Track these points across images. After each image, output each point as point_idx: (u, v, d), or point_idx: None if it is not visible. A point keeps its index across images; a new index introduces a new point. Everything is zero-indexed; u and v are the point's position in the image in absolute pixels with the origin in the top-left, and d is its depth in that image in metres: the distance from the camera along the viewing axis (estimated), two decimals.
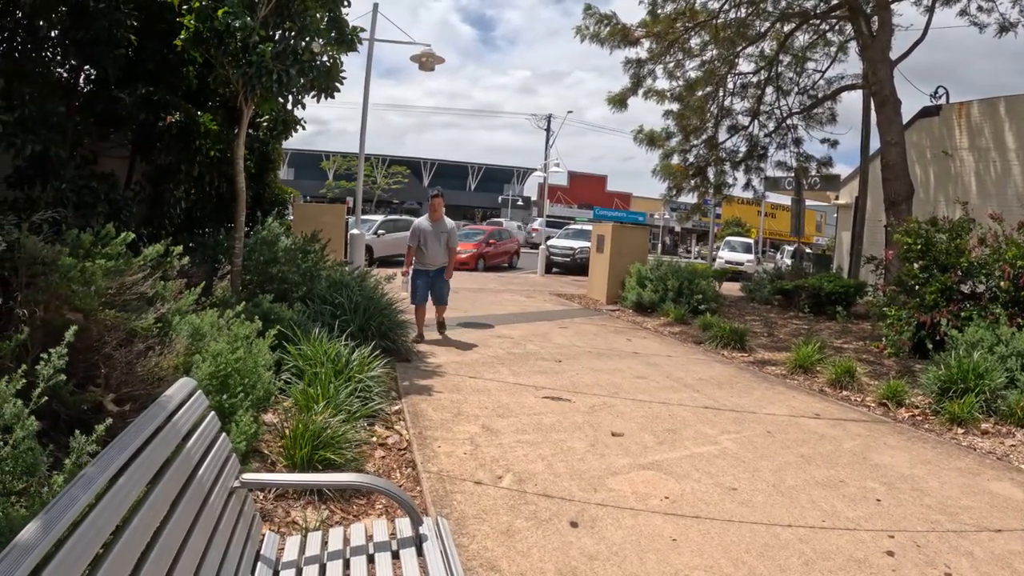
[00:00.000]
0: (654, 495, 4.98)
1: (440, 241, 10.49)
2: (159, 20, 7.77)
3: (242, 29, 6.89)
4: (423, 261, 10.54)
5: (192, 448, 2.37)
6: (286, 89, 7.44)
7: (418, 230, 10.60)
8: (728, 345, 11.33)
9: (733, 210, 55.54)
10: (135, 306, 4.71)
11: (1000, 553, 4.47)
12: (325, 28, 7.87)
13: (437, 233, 10.50)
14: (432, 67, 18.18)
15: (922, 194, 18.62)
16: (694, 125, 19.64)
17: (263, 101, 7.92)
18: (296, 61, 7.27)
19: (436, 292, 10.72)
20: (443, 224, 10.58)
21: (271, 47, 7.07)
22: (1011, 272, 9.34)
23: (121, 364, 4.23)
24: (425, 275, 10.57)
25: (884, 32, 15.74)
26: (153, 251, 5.16)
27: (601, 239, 17.38)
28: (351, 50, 8.23)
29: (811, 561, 4.13)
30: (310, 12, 7.53)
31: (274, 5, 7.33)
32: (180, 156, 8.17)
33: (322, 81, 7.80)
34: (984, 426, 7.34)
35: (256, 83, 7.14)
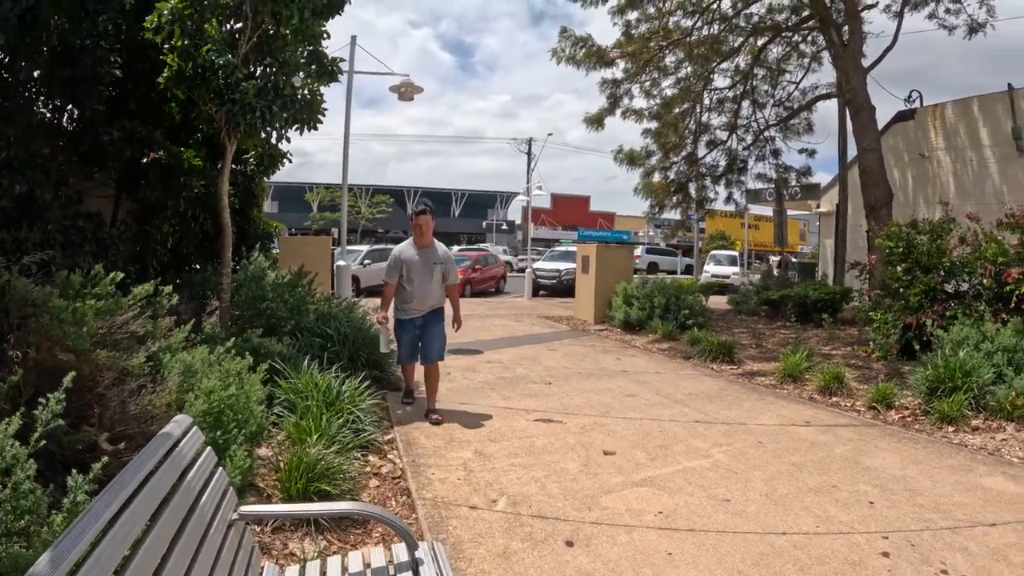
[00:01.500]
0: (648, 511, 4.99)
1: (432, 274, 7.49)
2: (142, 58, 7.83)
3: (225, 67, 6.96)
4: (409, 304, 7.53)
5: (191, 482, 2.41)
6: (269, 124, 7.51)
7: (399, 260, 7.50)
8: (717, 358, 11.35)
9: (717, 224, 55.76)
10: (126, 345, 4.73)
11: (995, 546, 4.51)
12: (305, 62, 7.96)
13: (427, 264, 7.48)
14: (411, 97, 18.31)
15: (902, 197, 18.80)
16: (673, 142, 19.80)
17: (246, 137, 8.02)
18: (278, 96, 7.34)
19: (427, 346, 7.58)
20: (435, 251, 7.61)
21: (253, 84, 7.14)
22: (993, 269, 9.43)
23: (114, 403, 4.24)
24: (411, 326, 7.58)
25: (855, 40, 15.97)
26: (142, 290, 5.19)
27: (586, 260, 17.39)
28: (332, 81, 8.33)
29: (806, 567, 4.15)
30: (290, 48, 7.61)
31: (255, 42, 7.40)
32: (165, 193, 8.21)
33: (304, 114, 7.87)
34: (974, 423, 7.42)
35: (240, 119, 7.20)
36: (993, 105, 18.44)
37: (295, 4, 7.28)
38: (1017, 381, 7.58)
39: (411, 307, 7.56)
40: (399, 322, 7.67)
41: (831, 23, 16.50)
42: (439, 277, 7.59)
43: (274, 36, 7.57)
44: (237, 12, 7.32)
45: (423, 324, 7.60)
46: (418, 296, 7.50)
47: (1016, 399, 7.44)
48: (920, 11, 17.32)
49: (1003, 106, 18.16)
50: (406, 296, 7.55)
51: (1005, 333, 8.27)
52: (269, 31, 7.54)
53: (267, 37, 7.55)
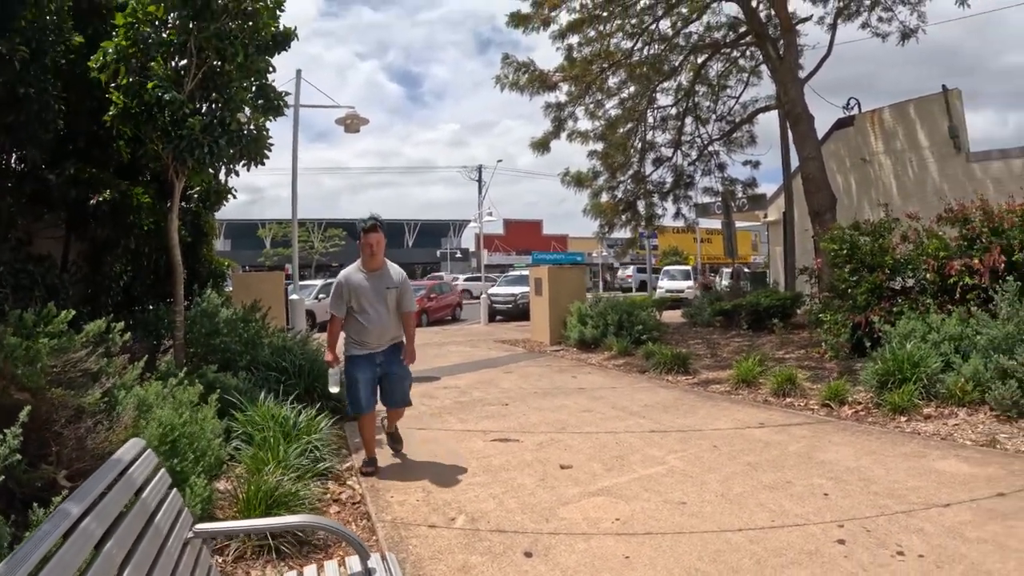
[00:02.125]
0: (605, 518, 4.97)
1: (385, 301, 6.37)
2: (88, 97, 7.70)
3: (171, 103, 6.91)
4: (362, 338, 6.39)
5: (146, 501, 2.45)
6: (217, 160, 7.45)
7: (346, 288, 6.37)
8: (672, 370, 11.35)
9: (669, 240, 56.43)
10: (81, 383, 4.68)
11: (950, 525, 4.55)
12: (251, 97, 7.92)
13: (379, 290, 6.35)
14: (357, 128, 18.28)
15: (846, 201, 19.13)
16: (619, 162, 19.92)
17: (194, 173, 7.94)
18: (225, 132, 7.29)
19: (390, 387, 6.52)
20: (387, 274, 6.45)
21: (199, 120, 7.09)
22: (935, 264, 9.57)
23: (71, 441, 4.20)
24: (369, 363, 6.40)
25: (791, 53, 16.25)
26: (95, 327, 5.19)
27: (539, 282, 17.42)
28: (278, 115, 8.28)
29: (763, 559, 4.14)
30: (235, 84, 7.57)
31: (200, 79, 7.35)
32: (116, 232, 8.11)
33: (251, 150, 7.81)
34: (926, 411, 7.52)
35: (187, 156, 7.14)
36: (929, 107, 18.85)
37: (240, 41, 7.27)
38: (965, 368, 7.68)
39: (365, 339, 6.33)
40: (353, 359, 6.36)
41: (767, 38, 16.80)
42: (394, 304, 6.37)
43: (220, 72, 7.52)
44: (182, 49, 7.29)
45: (385, 361, 6.41)
46: (375, 330, 6.30)
47: (965, 385, 7.54)
48: (853, 21, 17.65)
49: (939, 107, 18.56)
50: (361, 330, 6.34)
51: (950, 323, 8.39)
52: (215, 67, 7.49)
53: (212, 73, 7.49)
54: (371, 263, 6.35)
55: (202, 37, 7.11)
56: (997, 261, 8.81)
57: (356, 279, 6.34)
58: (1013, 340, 7.40)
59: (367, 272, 6.37)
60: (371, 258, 6.32)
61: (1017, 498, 5.02)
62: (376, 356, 6.38)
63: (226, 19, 7.25)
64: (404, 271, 6.72)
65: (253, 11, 7.41)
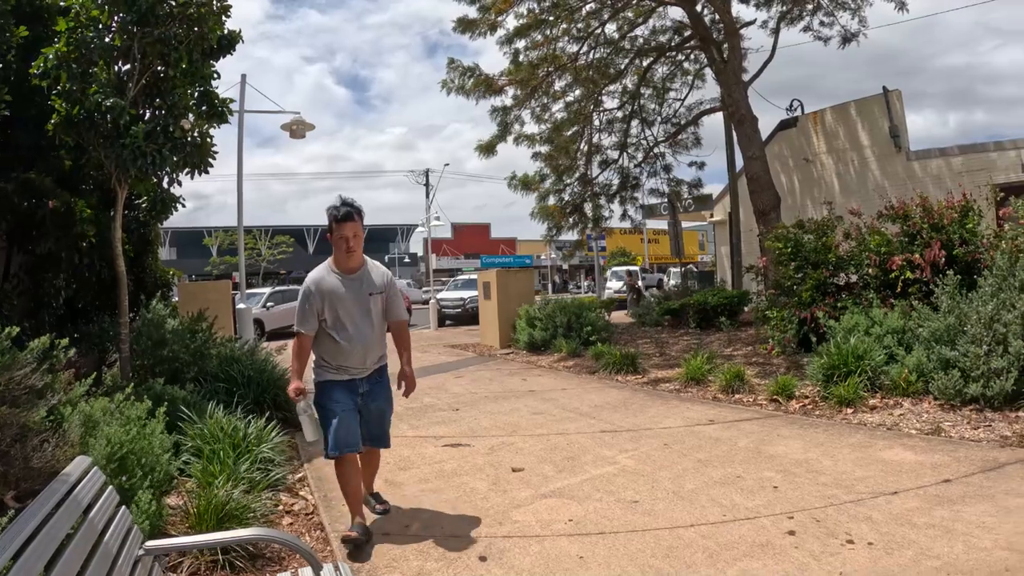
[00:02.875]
0: (558, 520, 4.95)
1: (369, 312, 4.91)
2: (29, 104, 7.50)
3: (113, 110, 6.73)
4: (340, 362, 4.85)
5: (94, 519, 2.44)
6: (160, 169, 7.29)
7: (317, 296, 4.81)
8: (621, 370, 11.38)
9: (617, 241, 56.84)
10: (25, 401, 4.55)
11: (898, 512, 4.61)
12: (195, 103, 7.78)
13: (359, 296, 4.89)
14: (303, 134, 18.12)
15: (790, 200, 19.47)
16: (565, 165, 19.94)
17: (137, 182, 7.73)
18: (168, 139, 7.11)
19: (367, 420, 4.98)
20: (368, 276, 4.96)
21: (142, 127, 6.91)
22: (877, 259, 9.74)
23: (18, 460, 4.09)
24: (348, 390, 4.86)
25: (735, 56, 16.50)
26: (39, 344, 5.03)
27: (487, 286, 17.42)
28: (223, 122, 8.13)
29: (715, 553, 4.16)
30: (180, 90, 7.41)
31: (144, 84, 7.21)
32: (59, 244, 7.87)
33: (195, 157, 7.63)
34: (872, 402, 7.65)
35: (130, 165, 6.96)
36: (870, 107, 19.34)
37: (184, 46, 7.14)
38: (908, 359, 7.81)
39: (349, 365, 4.80)
40: (328, 385, 4.79)
41: (711, 41, 17.02)
42: (380, 314, 4.91)
43: (163, 78, 7.38)
44: (126, 54, 7.14)
45: (370, 391, 4.90)
46: (358, 350, 4.78)
47: (909, 376, 7.68)
48: (796, 25, 17.97)
49: (879, 108, 19.05)
50: (338, 352, 4.76)
51: (893, 317, 8.55)
52: (159, 73, 7.35)
53: (156, 79, 7.35)
54: (347, 262, 4.79)
55: (146, 42, 6.96)
56: (937, 256, 9.01)
57: (329, 284, 4.76)
58: (954, 332, 7.54)
59: (343, 274, 4.81)
60: (347, 256, 4.75)
61: (963, 484, 5.11)
62: (359, 384, 4.82)
63: (171, 24, 7.10)
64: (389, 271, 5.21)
65: (199, 16, 7.25)
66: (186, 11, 7.15)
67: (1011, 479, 5.16)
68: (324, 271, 4.87)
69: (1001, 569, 3.69)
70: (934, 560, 3.85)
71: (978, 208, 9.68)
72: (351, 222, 4.70)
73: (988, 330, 7.15)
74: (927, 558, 3.88)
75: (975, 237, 9.25)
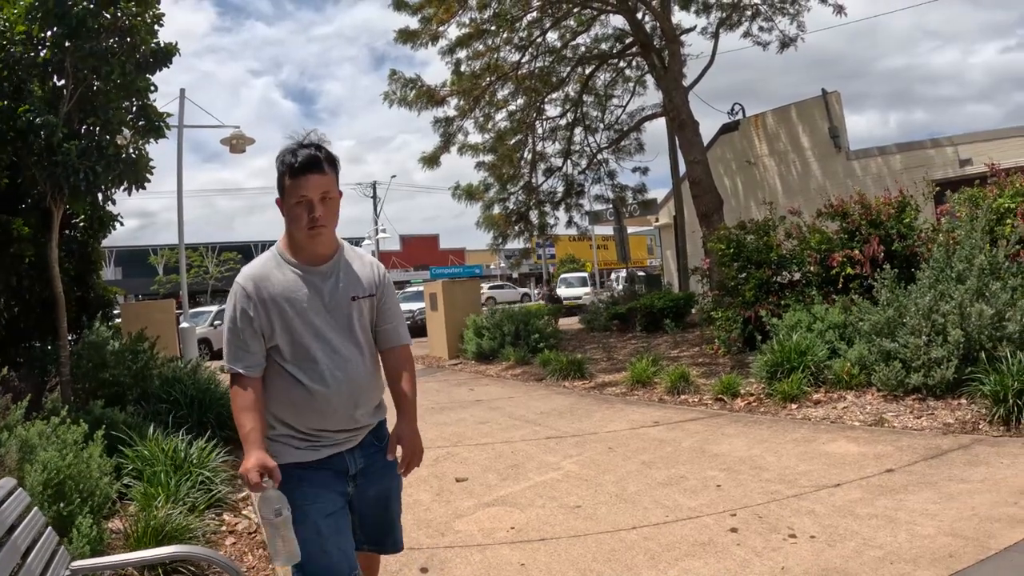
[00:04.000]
0: (500, 528, 4.85)
1: (351, 326, 2.70)
2: None
3: (45, 127, 6.51)
4: (307, 421, 2.62)
5: (18, 539, 2.44)
6: (94, 187, 7.09)
7: (257, 302, 2.60)
8: (568, 376, 11.29)
9: (566, 247, 56.96)
10: None
11: (841, 504, 4.59)
12: (132, 119, 7.61)
13: (333, 299, 2.67)
14: (243, 148, 17.89)
15: (734, 202, 19.62)
16: (509, 173, 19.86)
17: (73, 200, 7.52)
18: (102, 156, 6.93)
19: (369, 515, 2.83)
20: (348, 268, 2.74)
21: (76, 144, 6.72)
22: (818, 256, 9.84)
23: None
24: (330, 477, 2.66)
25: (675, 62, 16.56)
26: None
27: (434, 297, 17.31)
28: (160, 137, 7.94)
29: (656, 554, 4.09)
30: (114, 104, 7.22)
31: (78, 99, 7.02)
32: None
33: (131, 174, 7.41)
34: (816, 397, 7.66)
35: (63, 183, 6.76)
36: (810, 110, 19.63)
37: (117, 58, 6.97)
38: (851, 353, 7.86)
39: (324, 425, 2.65)
40: (295, 475, 2.56)
41: (652, 48, 17.10)
42: (368, 331, 2.81)
43: (97, 92, 7.19)
44: (59, 69, 6.96)
45: (369, 465, 2.77)
46: (341, 396, 2.63)
47: (852, 369, 7.72)
48: (735, 31, 18.13)
49: (819, 110, 19.33)
50: (306, 407, 2.62)
51: (834, 312, 8.64)
52: (93, 87, 7.16)
53: (90, 94, 7.15)
54: (313, 244, 2.65)
55: (78, 56, 6.79)
56: (876, 251, 9.11)
57: (279, 284, 2.63)
58: (894, 324, 7.58)
59: (303, 266, 2.67)
60: (312, 234, 2.60)
61: (905, 472, 5.10)
62: (347, 459, 2.70)
63: (104, 36, 6.91)
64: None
65: (130, 26, 7.08)
66: (117, 22, 6.98)
67: (953, 465, 5.16)
68: (270, 263, 2.67)
69: (944, 555, 3.66)
70: (877, 550, 3.80)
71: (915, 204, 9.81)
72: (316, 174, 2.53)
73: (927, 321, 7.19)
74: (870, 548, 3.83)
75: (912, 232, 9.37)
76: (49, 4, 6.68)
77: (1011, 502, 4.29)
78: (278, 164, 2.61)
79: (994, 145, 15.69)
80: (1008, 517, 4.06)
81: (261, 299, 2.58)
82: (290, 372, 2.59)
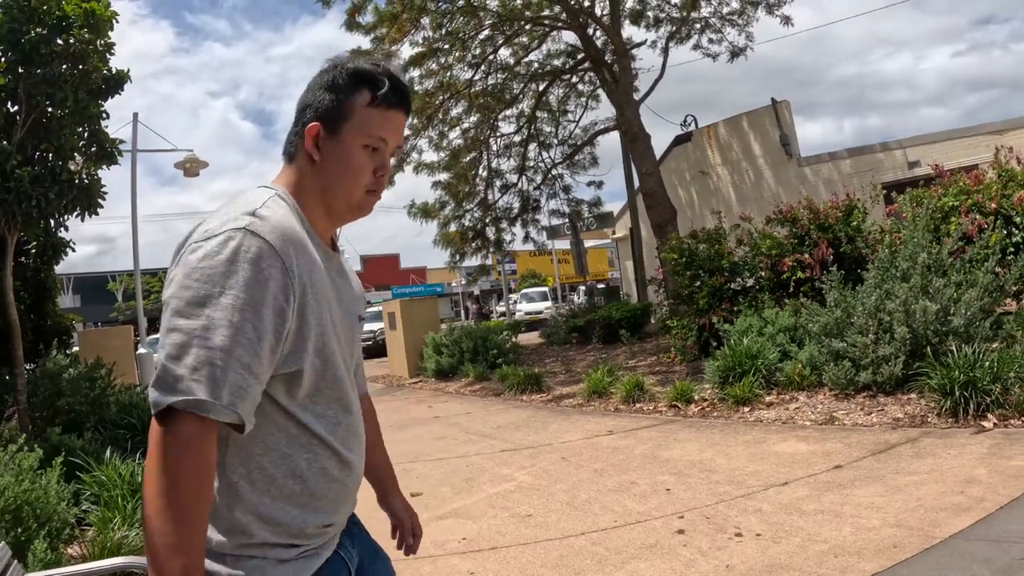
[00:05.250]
0: (452, 539, 4.80)
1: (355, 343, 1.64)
2: None
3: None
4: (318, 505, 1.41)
5: None
6: (47, 213, 7.05)
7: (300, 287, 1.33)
8: (526, 390, 11.24)
9: (527, 263, 56.96)
10: None
11: (787, 502, 4.59)
12: (84, 145, 7.53)
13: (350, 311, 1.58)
14: (196, 172, 17.69)
15: (688, 212, 19.79)
16: (465, 191, 19.87)
17: (26, 227, 7.46)
18: (55, 183, 6.88)
19: None
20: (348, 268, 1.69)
21: (27, 171, 6.68)
22: (768, 262, 9.91)
23: None
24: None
25: (626, 76, 16.72)
26: None
27: (392, 316, 17.26)
28: (112, 163, 7.87)
29: (604, 558, 4.07)
30: (66, 130, 7.14)
31: (30, 126, 6.95)
32: None
33: (83, 200, 7.33)
34: (768, 399, 7.69)
35: (16, 209, 6.68)
36: (761, 119, 19.90)
37: (70, 85, 6.92)
38: (801, 354, 7.93)
39: (332, 523, 1.47)
40: None
41: (603, 63, 17.26)
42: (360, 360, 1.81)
43: (50, 118, 7.14)
44: (13, 95, 6.91)
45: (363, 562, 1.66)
46: (358, 462, 1.58)
47: (803, 370, 7.77)
48: (685, 43, 18.34)
49: (769, 119, 19.61)
50: (323, 482, 1.41)
51: (784, 315, 8.71)
52: (46, 113, 7.10)
53: (43, 120, 7.10)
54: (355, 215, 1.57)
55: (31, 82, 6.74)
56: (825, 254, 9.21)
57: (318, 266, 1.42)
58: (843, 324, 7.63)
59: (324, 249, 1.52)
60: (370, 200, 1.55)
61: (853, 468, 5.12)
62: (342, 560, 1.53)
63: (56, 63, 6.85)
64: None
65: (83, 53, 7.01)
66: (70, 49, 6.95)
67: (901, 459, 5.19)
68: (298, 224, 1.43)
69: (889, 546, 3.66)
70: (821, 544, 3.79)
71: (863, 206, 9.92)
72: (406, 114, 1.58)
73: (874, 319, 7.26)
74: (814, 543, 3.82)
75: (860, 234, 9.49)
76: (2, 31, 6.61)
77: (957, 491, 4.32)
78: (343, 75, 1.49)
79: (942, 147, 16.06)
80: (954, 506, 4.08)
81: (303, 286, 1.35)
82: (308, 427, 1.40)
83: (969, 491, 4.29)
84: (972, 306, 6.89)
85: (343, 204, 1.51)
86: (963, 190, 8.87)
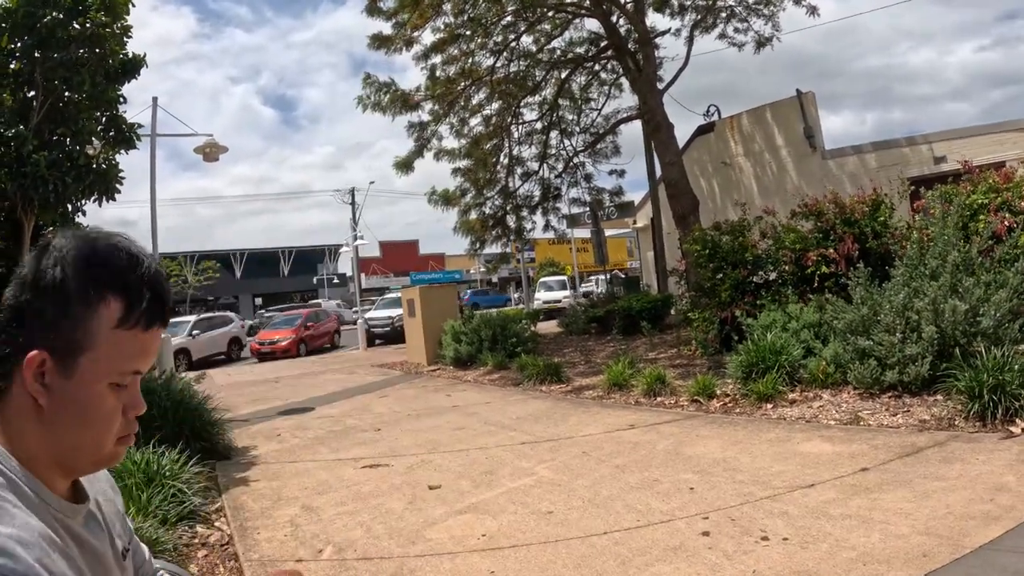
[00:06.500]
0: (471, 536, 4.77)
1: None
2: None
3: (16, 138, 6.52)
4: None
5: None
6: (64, 198, 7.08)
7: None
8: (546, 380, 11.23)
9: (545, 251, 56.93)
10: None
11: (814, 505, 4.53)
12: (102, 129, 7.58)
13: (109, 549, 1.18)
14: (216, 157, 17.67)
15: (710, 203, 19.65)
16: (485, 178, 19.84)
17: (43, 212, 7.46)
18: (72, 167, 6.92)
19: None
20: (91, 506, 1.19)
21: (45, 156, 6.69)
22: (792, 256, 9.82)
23: None
24: None
25: (649, 65, 16.61)
26: None
27: (411, 303, 17.26)
28: (131, 148, 7.94)
29: (627, 560, 4.03)
30: (84, 115, 7.15)
31: (47, 110, 6.98)
32: None
33: (100, 185, 7.34)
34: (791, 396, 7.63)
35: (33, 194, 6.73)
36: (785, 110, 19.70)
37: (87, 68, 6.93)
38: (825, 351, 7.85)
39: None
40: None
41: (627, 51, 17.14)
42: None
43: (68, 103, 7.19)
44: (30, 80, 6.93)
45: None
46: None
47: (827, 367, 7.69)
48: (710, 32, 18.24)
49: (794, 110, 19.40)
50: None
51: (808, 311, 8.61)
52: (63, 98, 7.13)
53: (61, 105, 7.13)
54: (109, 462, 1.19)
55: (48, 66, 6.77)
56: (851, 249, 9.12)
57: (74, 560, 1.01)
58: (869, 322, 7.55)
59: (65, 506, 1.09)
60: (123, 448, 1.18)
61: (880, 471, 5.05)
62: None
63: (73, 47, 6.85)
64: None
65: (99, 36, 7.01)
66: (87, 32, 6.94)
67: (929, 463, 5.12)
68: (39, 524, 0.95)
69: (918, 555, 3.61)
70: (850, 551, 3.74)
71: (890, 202, 9.80)
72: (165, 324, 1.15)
73: (901, 318, 7.17)
74: (843, 549, 3.77)
75: (887, 229, 9.38)
76: (18, 15, 6.61)
77: (986, 499, 4.25)
78: (77, 271, 1.03)
79: (968, 142, 15.80)
80: (983, 514, 4.02)
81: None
82: None
83: (998, 499, 4.22)
84: (1002, 307, 6.79)
85: (87, 462, 1.12)
86: (992, 188, 8.74)
